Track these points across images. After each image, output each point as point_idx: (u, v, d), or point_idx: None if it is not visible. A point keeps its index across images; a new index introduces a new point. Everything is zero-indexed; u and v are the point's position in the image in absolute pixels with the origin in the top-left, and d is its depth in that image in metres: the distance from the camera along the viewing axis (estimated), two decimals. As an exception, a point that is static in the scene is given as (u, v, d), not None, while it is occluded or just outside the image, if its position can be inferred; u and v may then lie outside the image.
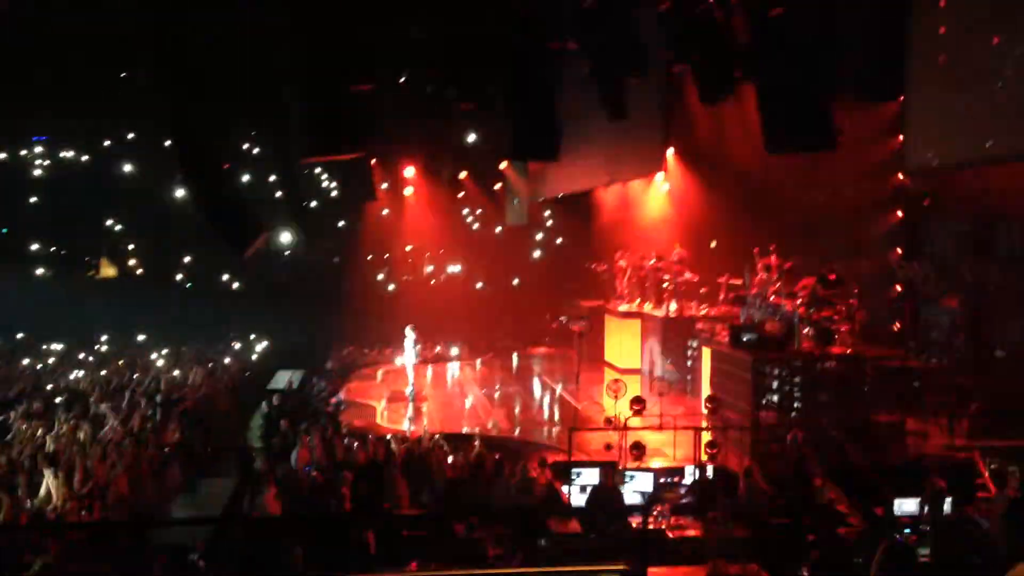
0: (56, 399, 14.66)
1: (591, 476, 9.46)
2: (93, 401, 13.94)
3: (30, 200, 25.42)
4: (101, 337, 24.60)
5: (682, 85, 14.60)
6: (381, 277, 28.15)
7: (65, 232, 26.28)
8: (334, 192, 26.94)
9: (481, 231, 27.94)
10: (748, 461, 10.28)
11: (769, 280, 13.67)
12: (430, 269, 28.55)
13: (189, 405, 14.38)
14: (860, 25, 8.57)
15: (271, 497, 8.75)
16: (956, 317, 14.13)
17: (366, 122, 8.26)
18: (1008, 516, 6.60)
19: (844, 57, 8.01)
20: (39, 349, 22.65)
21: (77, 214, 25.35)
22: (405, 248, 27.84)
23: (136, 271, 27.51)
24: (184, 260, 27.25)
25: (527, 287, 27.17)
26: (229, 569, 7.14)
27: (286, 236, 25.99)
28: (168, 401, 14.23)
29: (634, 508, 9.16)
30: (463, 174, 26.22)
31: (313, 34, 7.81)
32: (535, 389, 19.99)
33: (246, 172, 23.67)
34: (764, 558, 7.20)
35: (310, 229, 26.10)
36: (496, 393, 18.85)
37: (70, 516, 8.50)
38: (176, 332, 23.88)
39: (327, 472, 10.09)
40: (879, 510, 8.24)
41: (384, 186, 24.99)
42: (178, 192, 22.41)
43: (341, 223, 27.57)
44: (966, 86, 10.21)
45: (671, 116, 16.66)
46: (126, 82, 16.10)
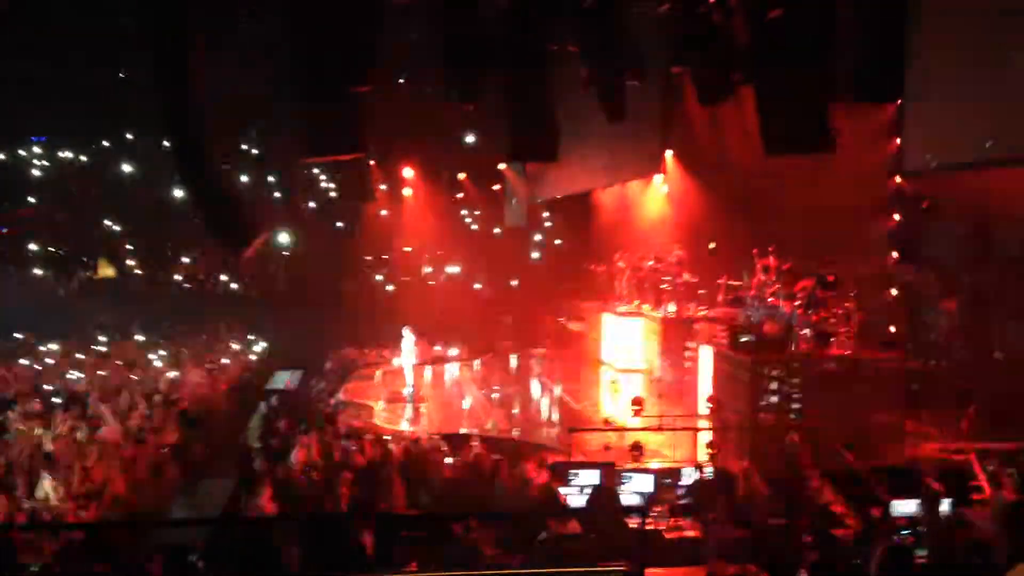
0: (54, 399, 14.65)
1: (590, 477, 9.47)
2: (91, 401, 13.93)
3: (29, 200, 25.43)
4: (99, 337, 24.58)
5: (681, 87, 14.60)
6: (380, 278, 28.15)
7: (64, 232, 26.27)
8: (333, 193, 26.95)
9: (480, 232, 27.94)
10: (747, 462, 10.29)
11: (768, 281, 13.67)
12: (429, 270, 28.55)
13: (187, 406, 14.38)
14: (859, 26, 8.57)
15: (269, 497, 8.75)
16: (954, 319, 14.15)
17: (366, 122, 8.25)
18: (1006, 518, 6.60)
19: (843, 59, 8.01)
20: (37, 349, 22.63)
21: (77, 214, 25.35)
22: (404, 249, 27.84)
23: (135, 271, 27.51)
24: (183, 260, 27.25)
25: (526, 288, 27.18)
26: (228, 569, 7.13)
27: (285, 236, 25.99)
28: (166, 401, 14.22)
29: (633, 509, 9.17)
30: (462, 175, 26.22)
31: (313, 34, 7.81)
32: (534, 390, 19.99)
33: (245, 172, 23.68)
34: (762, 559, 7.20)
35: (309, 229, 26.11)
36: (495, 394, 18.84)
37: (68, 516, 8.50)
38: (175, 332, 23.87)
39: (325, 473, 10.09)
40: (877, 512, 8.24)
41: (383, 187, 24.99)
42: (177, 192, 22.42)
43: (340, 223, 27.58)
44: (965, 87, 10.22)
45: (670, 118, 16.69)
46: (126, 82, 16.11)
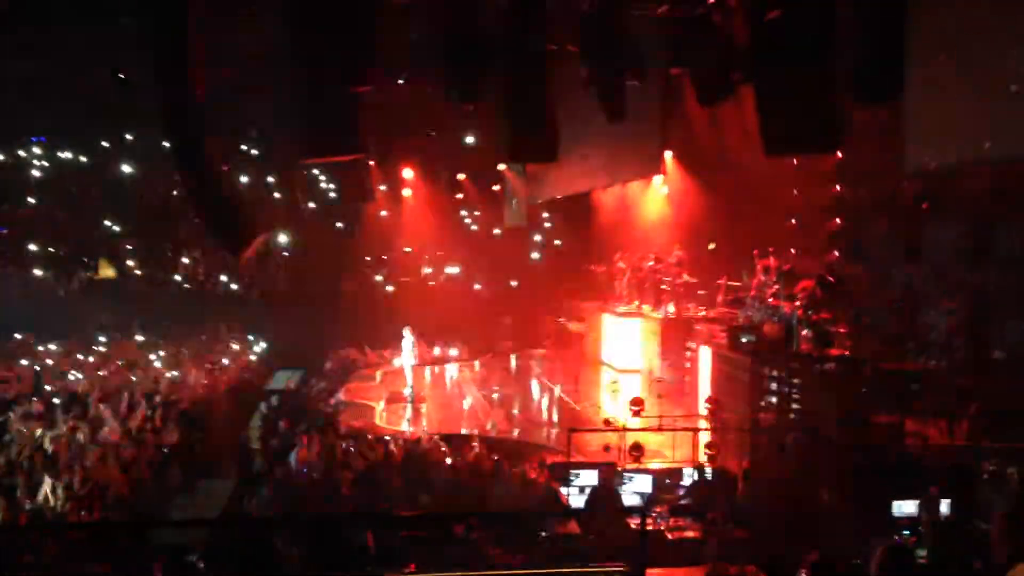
0: (55, 400, 14.65)
1: (590, 477, 9.47)
2: (92, 402, 13.94)
3: (29, 200, 25.42)
4: (100, 338, 24.58)
5: (681, 87, 14.60)
6: (380, 278, 28.14)
7: (64, 232, 26.26)
8: (333, 193, 26.92)
9: (480, 232, 27.93)
10: (747, 463, 10.30)
11: (768, 282, 13.68)
12: (429, 270, 28.54)
13: (188, 406, 14.38)
14: (859, 26, 8.55)
15: (270, 498, 8.76)
16: (955, 318, 14.14)
17: (366, 123, 8.25)
18: (1007, 517, 6.60)
19: (843, 58, 8.01)
20: (37, 349, 22.64)
21: (76, 214, 25.35)
22: (404, 249, 27.82)
23: (135, 271, 27.49)
24: (183, 260, 27.24)
25: (526, 288, 27.17)
26: (228, 570, 7.13)
27: (285, 237, 25.98)
28: (167, 402, 14.23)
29: (633, 509, 9.17)
30: (462, 175, 26.21)
31: (313, 34, 7.80)
32: (534, 390, 19.98)
33: (245, 172, 23.65)
34: (762, 560, 7.20)
35: (309, 230, 26.09)
36: (495, 394, 18.85)
37: (69, 516, 8.51)
38: (175, 332, 23.87)
39: (326, 473, 10.10)
40: (878, 511, 8.24)
41: (383, 187, 24.97)
42: (177, 192, 22.42)
43: (340, 224, 27.56)
44: (965, 87, 10.22)
45: (670, 118, 16.67)
46: (125, 82, 16.08)
